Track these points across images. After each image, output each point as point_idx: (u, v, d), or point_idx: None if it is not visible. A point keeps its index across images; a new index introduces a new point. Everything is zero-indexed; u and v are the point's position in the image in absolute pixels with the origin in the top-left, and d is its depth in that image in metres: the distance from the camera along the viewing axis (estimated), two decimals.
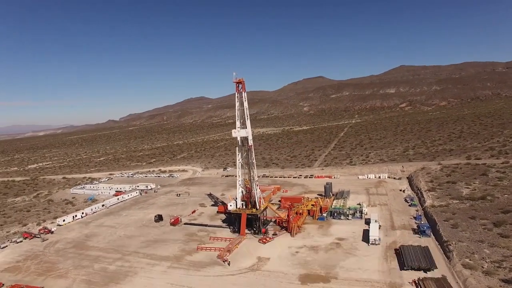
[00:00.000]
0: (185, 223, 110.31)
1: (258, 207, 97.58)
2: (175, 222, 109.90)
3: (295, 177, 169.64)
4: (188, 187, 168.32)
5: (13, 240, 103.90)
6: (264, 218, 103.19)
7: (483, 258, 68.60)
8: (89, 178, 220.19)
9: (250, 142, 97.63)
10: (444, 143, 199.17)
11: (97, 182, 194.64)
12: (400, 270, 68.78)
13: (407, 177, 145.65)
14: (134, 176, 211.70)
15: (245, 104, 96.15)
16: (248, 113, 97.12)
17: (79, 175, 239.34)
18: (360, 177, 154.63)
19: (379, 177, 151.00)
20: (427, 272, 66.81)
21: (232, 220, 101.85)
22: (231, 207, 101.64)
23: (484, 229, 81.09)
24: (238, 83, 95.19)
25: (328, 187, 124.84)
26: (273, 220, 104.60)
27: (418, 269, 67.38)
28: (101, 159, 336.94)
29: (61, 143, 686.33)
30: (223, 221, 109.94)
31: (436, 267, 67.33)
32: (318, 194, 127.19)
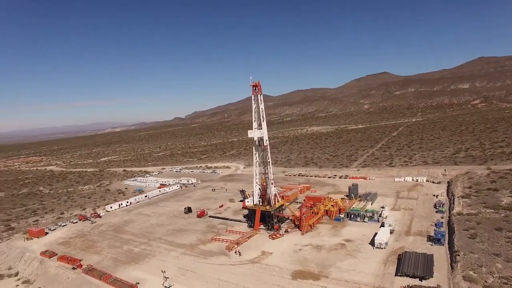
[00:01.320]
0: (209, 216, 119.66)
1: (272, 205, 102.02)
2: (201, 215, 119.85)
3: (330, 177, 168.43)
4: (225, 183, 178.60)
5: (71, 220, 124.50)
6: (281, 215, 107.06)
7: (491, 272, 64.04)
8: (144, 171, 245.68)
9: (266, 143, 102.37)
10: (507, 145, 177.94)
11: (148, 175, 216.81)
12: (395, 275, 67.76)
13: (448, 182, 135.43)
14: (181, 171, 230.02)
15: (261, 106, 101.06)
16: (264, 115, 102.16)
17: (137, 168, 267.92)
18: (397, 179, 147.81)
19: (417, 180, 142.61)
20: (422, 280, 64.86)
21: (249, 215, 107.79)
22: (248, 203, 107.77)
23: (507, 242, 74.48)
24: (254, 86, 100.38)
25: (352, 188, 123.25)
26: (290, 218, 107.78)
27: (413, 276, 65.75)
28: (160, 154, 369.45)
29: (131, 139, 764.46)
30: (245, 216, 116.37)
31: (432, 276, 64.96)
32: (345, 195, 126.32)
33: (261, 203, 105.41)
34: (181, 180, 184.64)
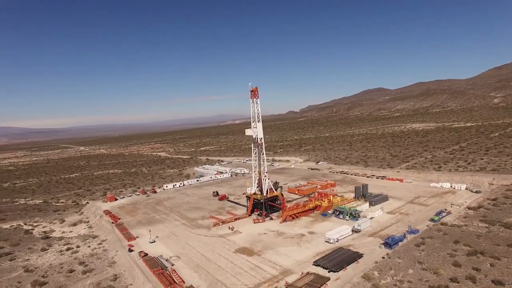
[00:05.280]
0: (228, 200, 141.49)
1: (264, 195, 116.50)
2: (222, 198, 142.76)
3: (368, 177, 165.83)
4: (270, 175, 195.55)
5: (136, 193, 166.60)
6: (277, 206, 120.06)
7: (394, 275, 66.25)
8: (220, 160, 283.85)
9: (260, 141, 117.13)
10: None
11: (217, 164, 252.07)
12: (312, 265, 75.41)
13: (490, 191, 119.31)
14: (247, 162, 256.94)
15: (257, 108, 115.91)
16: (260, 116, 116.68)
17: (217, 157, 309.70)
18: (432, 184, 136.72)
19: (453, 188, 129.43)
20: (330, 272, 71.22)
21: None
22: (248, 191, 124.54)
23: (447, 254, 72.09)
24: (252, 91, 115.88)
25: (358, 188, 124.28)
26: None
27: (324, 268, 72.68)
28: (246, 146, 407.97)
29: (237, 131, 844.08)
30: None
31: (338, 271, 70.45)
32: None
33: (260, 193, 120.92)
34: (235, 170, 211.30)
